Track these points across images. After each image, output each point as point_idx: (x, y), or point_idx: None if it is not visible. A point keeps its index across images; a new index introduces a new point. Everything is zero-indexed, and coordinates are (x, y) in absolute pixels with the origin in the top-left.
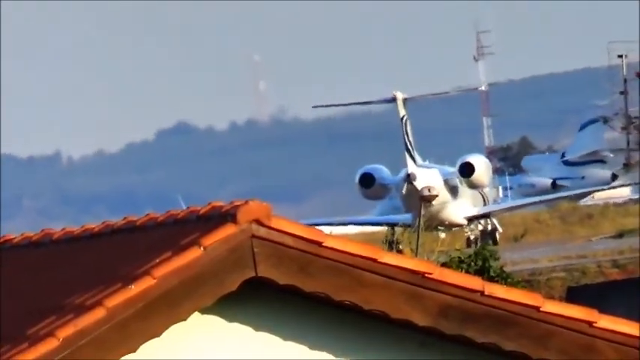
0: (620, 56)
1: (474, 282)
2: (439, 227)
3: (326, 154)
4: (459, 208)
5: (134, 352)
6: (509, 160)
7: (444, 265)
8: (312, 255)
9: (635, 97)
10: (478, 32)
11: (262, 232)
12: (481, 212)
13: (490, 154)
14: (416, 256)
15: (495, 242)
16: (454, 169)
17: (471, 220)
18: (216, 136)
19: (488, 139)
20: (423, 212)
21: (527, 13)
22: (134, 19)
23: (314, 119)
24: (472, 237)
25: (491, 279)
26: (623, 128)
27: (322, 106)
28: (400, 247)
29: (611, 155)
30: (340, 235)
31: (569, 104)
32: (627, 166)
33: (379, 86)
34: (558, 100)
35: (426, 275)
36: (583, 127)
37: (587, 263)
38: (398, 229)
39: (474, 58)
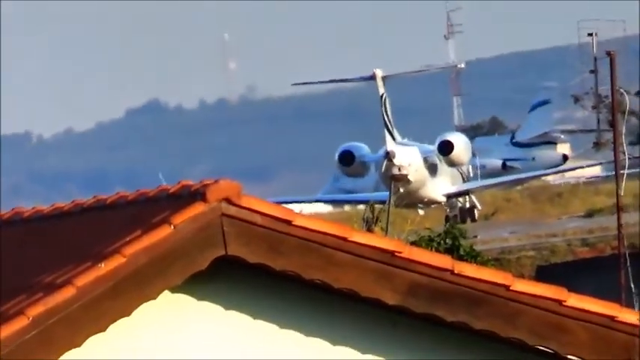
0: (590, 35)
1: (444, 261)
2: (418, 205)
3: (296, 132)
4: (438, 186)
5: (104, 330)
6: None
7: (413, 243)
8: (282, 233)
9: (605, 76)
10: (448, 11)
11: (232, 210)
12: (460, 190)
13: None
14: (386, 234)
15: (474, 219)
16: (433, 147)
17: (449, 197)
18: (186, 114)
19: (458, 118)
20: (394, 191)
21: None
22: None
23: (284, 98)
24: (451, 214)
25: (460, 258)
26: (594, 107)
27: (301, 83)
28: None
29: (561, 136)
30: (310, 213)
31: (539, 83)
32: (598, 145)
33: (349, 64)
34: (528, 79)
35: (396, 254)
36: (533, 108)
37: (556, 242)
38: (377, 207)
39: (445, 36)
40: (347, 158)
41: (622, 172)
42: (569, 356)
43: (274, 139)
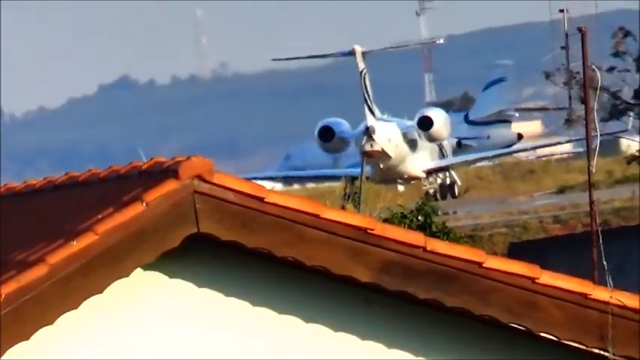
0: (562, 11)
1: (416, 238)
2: (398, 180)
3: (269, 109)
4: (418, 162)
5: (76, 308)
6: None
7: (386, 220)
8: (254, 211)
9: (576, 53)
10: None
11: (204, 187)
12: (440, 165)
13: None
14: (358, 211)
15: (454, 195)
16: (413, 123)
17: (429, 173)
18: (158, 90)
19: (429, 95)
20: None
21: None
22: None
23: (255, 74)
24: (431, 190)
25: (433, 235)
26: (565, 83)
27: (281, 59)
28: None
29: (516, 115)
30: (282, 190)
31: (511, 59)
32: (569, 122)
33: (321, 41)
34: (499, 56)
35: (368, 231)
36: (487, 87)
37: (528, 219)
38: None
39: (416, 12)
40: (327, 134)
41: (594, 147)
42: (542, 334)
43: (247, 115)
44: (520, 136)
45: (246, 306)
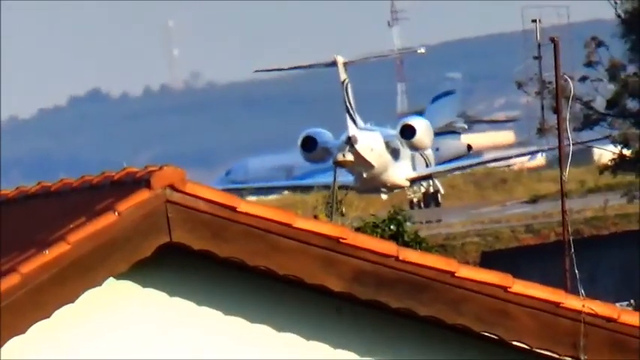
0: (534, 21)
1: (389, 247)
2: (381, 189)
3: (240, 119)
4: (401, 170)
5: (48, 317)
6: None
7: (358, 229)
8: (226, 220)
9: (549, 62)
10: None
11: (176, 197)
12: (423, 174)
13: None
14: (330, 221)
15: (437, 204)
16: (395, 132)
17: (413, 181)
18: (130, 101)
19: (401, 105)
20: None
21: None
22: None
23: (227, 85)
24: (415, 199)
25: (405, 244)
26: (537, 93)
27: (264, 70)
28: (343, 208)
29: (465, 127)
30: (255, 200)
31: (482, 70)
32: (541, 131)
33: (294, 51)
34: (471, 66)
35: (341, 240)
36: (435, 99)
37: (500, 228)
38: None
39: (388, 23)
40: (309, 144)
41: (567, 155)
42: (514, 342)
43: (218, 125)
44: (470, 148)
45: (219, 315)
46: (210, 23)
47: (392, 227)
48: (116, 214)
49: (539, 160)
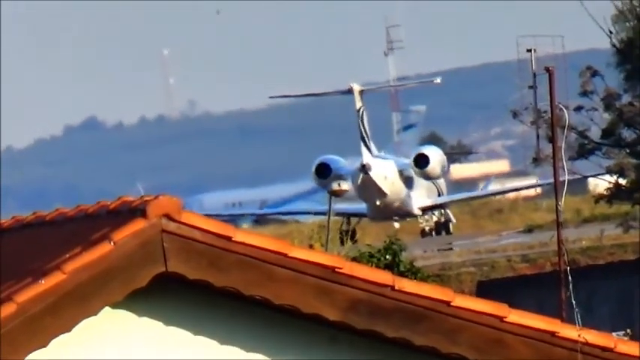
0: (529, 50)
1: (384, 277)
2: (394, 217)
3: (236, 148)
4: (414, 199)
5: (45, 346)
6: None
7: (354, 259)
8: (222, 250)
9: (544, 92)
10: (387, 27)
11: (172, 226)
12: (435, 203)
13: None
14: (326, 250)
15: (448, 232)
16: (409, 161)
17: (425, 210)
18: (126, 131)
19: (397, 134)
20: (331, 207)
21: (437, 7)
22: (44, 14)
23: (224, 114)
24: (427, 228)
25: (401, 274)
26: (533, 122)
27: (278, 97)
28: (356, 236)
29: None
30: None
31: (477, 99)
32: (536, 161)
33: (291, 80)
34: (467, 95)
35: (336, 270)
36: (405, 129)
37: (496, 258)
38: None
39: (384, 53)
40: (323, 171)
41: (562, 184)
42: None
43: (215, 154)
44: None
45: (215, 345)
46: (207, 51)
47: (387, 257)
48: (112, 243)
49: (534, 190)
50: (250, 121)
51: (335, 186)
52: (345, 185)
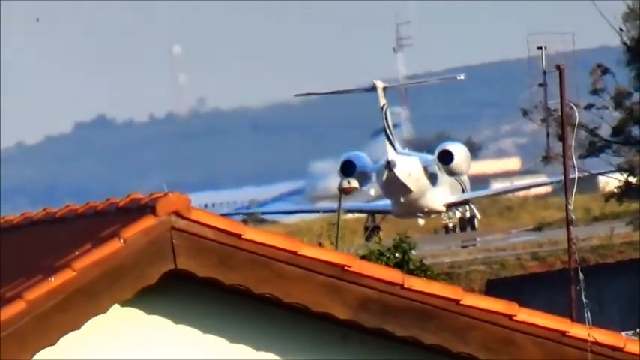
0: (540, 48)
1: (394, 275)
2: (418, 214)
3: (247, 145)
4: (438, 195)
5: (54, 344)
6: (428, 153)
7: (363, 257)
8: (231, 247)
9: (555, 90)
10: (398, 24)
11: (182, 224)
12: (460, 199)
13: (408, 146)
14: (336, 248)
15: (474, 228)
16: (433, 157)
17: (449, 207)
18: (136, 128)
19: (406, 132)
20: (340, 204)
21: (447, 4)
22: (54, 10)
23: (234, 110)
24: (451, 225)
25: (410, 272)
26: (543, 120)
27: (304, 94)
28: (380, 233)
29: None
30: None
31: (487, 97)
32: (546, 159)
33: (301, 78)
34: (477, 92)
35: (346, 268)
36: (376, 134)
37: (506, 256)
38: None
39: (394, 49)
40: (348, 168)
41: (572, 181)
42: None
43: (226, 151)
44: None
45: (224, 343)
46: (216, 48)
47: (397, 255)
48: (121, 240)
49: (545, 187)
50: (260, 118)
51: (345, 184)
52: (355, 183)
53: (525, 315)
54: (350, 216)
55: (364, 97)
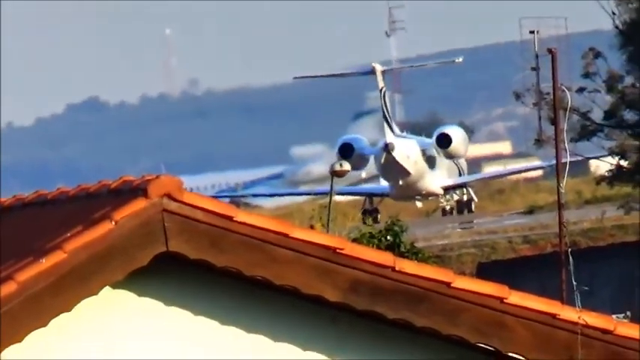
0: (532, 32)
1: (385, 257)
2: (416, 197)
3: (239, 127)
4: (436, 178)
5: (45, 326)
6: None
7: (355, 240)
8: (223, 230)
9: (547, 73)
10: (390, 7)
11: (173, 206)
12: (457, 182)
13: (400, 129)
14: (327, 231)
15: (470, 211)
16: (431, 140)
17: (447, 190)
18: (128, 109)
19: (399, 115)
20: (332, 187)
21: None
22: None
23: (226, 92)
24: (448, 207)
25: (402, 255)
26: (535, 104)
27: (303, 77)
28: (379, 215)
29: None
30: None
31: (479, 80)
32: (539, 142)
33: (292, 60)
34: (469, 75)
35: (337, 250)
36: (356, 117)
37: (497, 239)
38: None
39: (386, 33)
40: (346, 150)
41: (564, 165)
42: (510, 354)
43: (218, 132)
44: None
45: (215, 325)
46: (209, 30)
47: (388, 238)
48: (113, 223)
49: (537, 171)
50: (252, 99)
51: (337, 166)
52: (347, 166)
53: (516, 298)
54: (341, 198)
55: (355, 81)
